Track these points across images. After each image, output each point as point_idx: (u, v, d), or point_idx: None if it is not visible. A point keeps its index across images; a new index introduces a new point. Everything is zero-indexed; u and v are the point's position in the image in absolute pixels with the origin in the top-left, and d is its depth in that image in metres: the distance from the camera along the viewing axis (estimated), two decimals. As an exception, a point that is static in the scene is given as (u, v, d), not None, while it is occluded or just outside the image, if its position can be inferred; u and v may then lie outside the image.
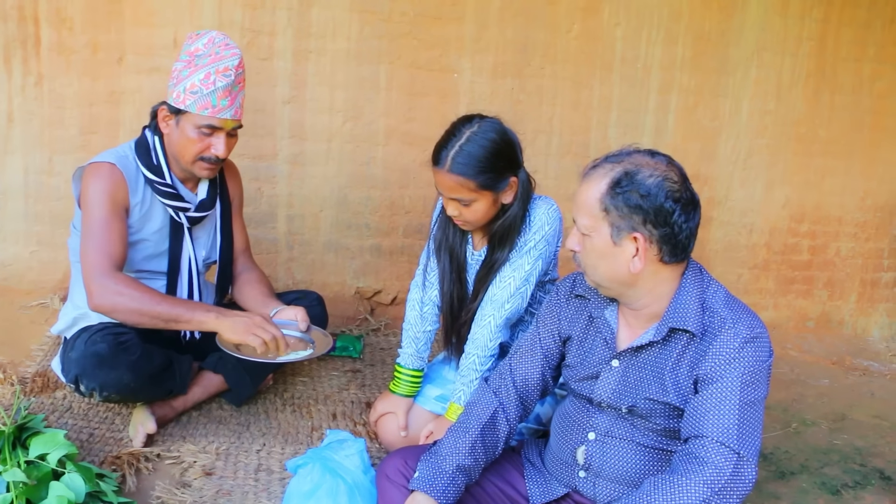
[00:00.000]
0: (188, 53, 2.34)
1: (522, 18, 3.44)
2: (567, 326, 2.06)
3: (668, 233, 1.73)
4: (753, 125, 3.80)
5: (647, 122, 3.68)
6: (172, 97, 2.34)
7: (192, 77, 2.30)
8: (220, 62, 2.32)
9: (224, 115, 2.37)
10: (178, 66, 2.35)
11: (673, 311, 1.80)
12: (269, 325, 2.28)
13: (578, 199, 1.82)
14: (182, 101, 2.32)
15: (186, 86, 2.30)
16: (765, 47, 3.71)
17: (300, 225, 3.52)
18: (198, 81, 2.30)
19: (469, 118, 2.24)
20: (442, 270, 2.47)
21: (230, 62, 2.34)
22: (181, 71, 2.33)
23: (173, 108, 2.35)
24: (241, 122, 2.44)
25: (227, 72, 2.34)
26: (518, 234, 2.32)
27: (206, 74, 2.30)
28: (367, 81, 3.42)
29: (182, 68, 2.33)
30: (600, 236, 1.78)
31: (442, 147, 2.21)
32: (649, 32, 3.58)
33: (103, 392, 2.32)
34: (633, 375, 1.87)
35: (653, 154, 1.79)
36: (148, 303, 2.24)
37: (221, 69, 2.32)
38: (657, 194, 1.70)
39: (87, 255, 2.31)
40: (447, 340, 2.56)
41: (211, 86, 2.31)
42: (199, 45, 2.34)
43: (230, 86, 2.35)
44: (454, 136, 2.20)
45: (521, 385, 2.11)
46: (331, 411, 2.83)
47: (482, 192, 2.20)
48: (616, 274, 1.80)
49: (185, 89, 2.31)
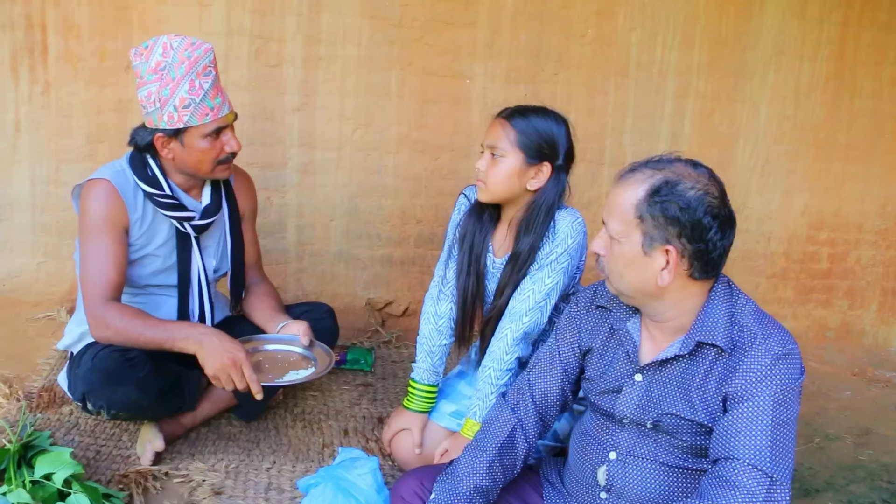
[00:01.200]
0: (152, 71, 2.23)
1: (536, 23, 3.38)
2: (587, 338, 2.00)
3: (702, 249, 1.66)
4: (771, 131, 3.73)
5: (663, 128, 3.61)
6: (165, 121, 2.25)
7: (176, 92, 2.22)
8: (198, 63, 2.24)
9: (224, 112, 2.32)
10: (149, 88, 2.24)
11: (700, 325, 1.73)
12: (246, 368, 2.18)
13: (612, 201, 1.75)
14: (179, 120, 2.24)
15: (175, 103, 2.22)
16: (783, 51, 3.64)
17: (310, 235, 3.46)
18: (185, 94, 2.22)
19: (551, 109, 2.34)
20: (460, 262, 2.42)
21: (206, 59, 2.26)
22: (160, 91, 2.23)
23: (171, 131, 2.27)
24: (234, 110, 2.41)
25: (208, 70, 2.27)
26: (543, 227, 2.27)
27: (190, 84, 2.22)
28: (377, 88, 3.36)
29: (158, 89, 2.22)
30: (631, 244, 1.71)
31: (515, 106, 2.32)
32: (665, 37, 3.51)
33: (111, 410, 2.27)
34: (658, 390, 1.81)
35: (695, 165, 1.73)
36: (133, 333, 2.21)
37: (201, 70, 2.25)
38: (696, 208, 1.64)
39: (83, 284, 2.28)
40: (460, 337, 2.50)
41: (200, 91, 2.24)
42: (157, 57, 2.23)
43: (215, 81, 2.29)
44: (531, 105, 2.32)
45: (541, 401, 2.05)
46: (342, 427, 2.77)
47: (516, 150, 2.22)
48: (642, 284, 1.74)
49: (175, 108, 2.23)
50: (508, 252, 2.36)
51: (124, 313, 2.23)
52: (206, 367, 2.17)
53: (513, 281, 2.32)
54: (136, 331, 2.20)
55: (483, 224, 2.39)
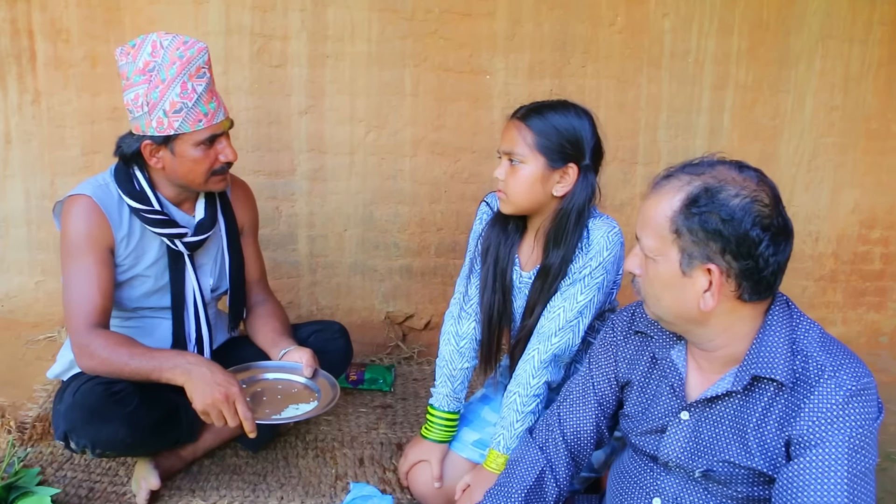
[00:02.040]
0: (139, 72, 2.02)
1: (560, 11, 3.13)
2: (626, 369, 1.77)
3: (751, 267, 1.43)
4: (818, 122, 3.44)
5: (701, 123, 3.34)
6: (153, 127, 2.04)
7: (166, 96, 2.01)
8: (191, 65, 2.02)
9: (218, 119, 2.11)
10: (136, 91, 2.03)
11: (756, 355, 1.50)
12: (240, 404, 1.95)
13: (645, 214, 1.53)
14: (169, 126, 2.03)
15: (165, 108, 2.01)
16: (830, 35, 3.34)
17: (323, 246, 3.24)
18: (177, 97, 2.01)
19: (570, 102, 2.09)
20: (484, 277, 2.19)
21: (199, 60, 2.05)
22: (148, 94, 2.02)
23: (160, 139, 2.07)
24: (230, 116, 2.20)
25: (201, 71, 2.05)
26: (574, 237, 2.04)
27: (182, 86, 2.01)
28: (390, 87, 3.13)
29: (146, 91, 2.02)
30: (667, 263, 1.49)
31: (529, 104, 2.08)
32: (701, 23, 3.23)
33: (96, 449, 2.07)
34: (708, 431, 1.58)
35: (741, 167, 1.49)
36: (118, 363, 2.01)
37: (194, 72, 2.03)
38: (742, 219, 1.40)
39: (65, 310, 2.09)
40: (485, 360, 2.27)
41: (193, 95, 2.03)
42: (146, 56, 2.02)
43: (209, 85, 2.08)
44: (547, 101, 2.08)
45: (572, 439, 1.83)
46: (357, 456, 2.55)
47: (535, 155, 1.99)
48: (682, 309, 1.51)
49: (165, 112, 2.02)
50: (537, 265, 2.13)
51: (109, 341, 2.03)
52: (194, 402, 1.96)
53: (543, 298, 2.09)
54: (121, 361, 2.00)
55: (508, 235, 2.16)
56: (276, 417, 2.05)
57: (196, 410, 1.97)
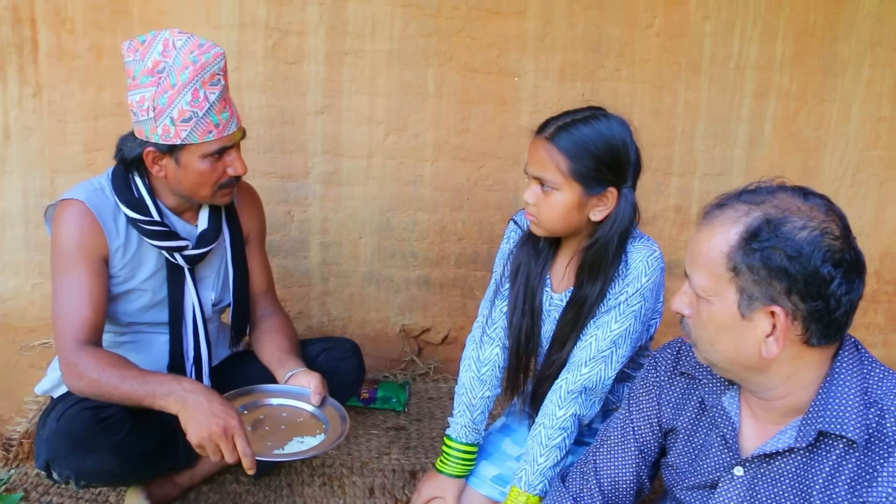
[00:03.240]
0: (147, 72, 1.84)
1: (595, 11, 2.93)
2: (670, 414, 1.59)
3: (821, 308, 1.26)
4: (864, 134, 3.24)
5: (741, 132, 3.14)
6: (158, 134, 1.87)
7: (176, 102, 1.83)
8: (205, 71, 1.84)
9: (230, 130, 1.93)
10: (143, 93, 1.86)
11: (823, 408, 1.32)
12: (239, 438, 1.77)
13: (696, 248, 1.35)
14: (176, 136, 1.86)
15: (173, 115, 1.84)
16: (880, 42, 3.14)
17: (336, 254, 3.06)
18: (186, 105, 1.83)
19: (597, 107, 1.87)
20: (514, 299, 2.00)
21: (215, 66, 1.87)
22: (155, 98, 1.84)
23: (165, 147, 1.89)
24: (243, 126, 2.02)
25: (215, 78, 1.87)
26: (613, 267, 1.85)
27: (193, 94, 1.83)
28: (412, 87, 2.94)
29: (154, 95, 1.84)
30: (723, 304, 1.32)
31: (554, 118, 1.85)
32: (743, 27, 3.03)
33: (80, 481, 1.91)
34: (765, 491, 1.41)
35: (805, 195, 1.31)
36: (108, 387, 1.83)
37: (208, 78, 1.85)
38: (811, 255, 1.24)
39: (54, 326, 1.91)
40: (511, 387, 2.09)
41: (204, 104, 1.85)
42: (156, 55, 1.83)
43: (223, 93, 1.89)
44: (573, 113, 1.84)
45: (609, 489, 1.66)
46: (367, 485, 2.38)
47: (570, 182, 1.78)
48: (740, 355, 1.34)
49: (173, 120, 1.84)
50: (569, 287, 1.95)
51: (99, 361, 1.86)
52: (188, 434, 1.77)
53: (577, 330, 1.90)
54: (111, 383, 1.83)
55: (540, 254, 1.98)
56: (277, 452, 1.88)
57: (191, 443, 1.79)
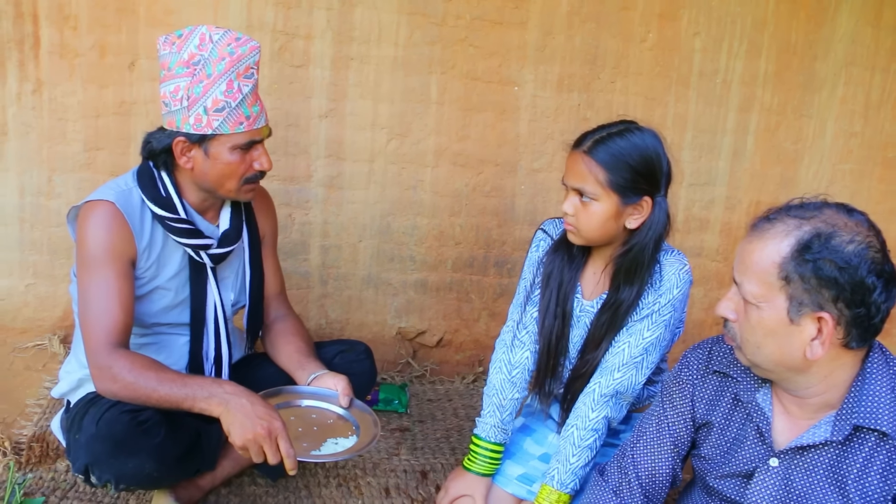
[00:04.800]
0: (183, 64, 1.87)
1: (593, 24, 3.02)
2: (704, 410, 1.69)
3: (863, 314, 1.38)
4: (838, 149, 3.40)
5: (725, 144, 3.27)
6: (190, 123, 1.89)
7: (210, 92, 1.86)
8: (240, 63, 1.88)
9: (260, 124, 1.97)
10: (178, 83, 1.88)
11: (857, 404, 1.44)
12: (282, 440, 1.79)
13: (747, 258, 1.46)
14: (207, 125, 1.88)
15: (207, 105, 1.87)
16: (853, 62, 3.31)
17: (336, 257, 3.08)
18: (220, 95, 1.87)
19: (630, 120, 1.97)
20: (546, 303, 2.07)
21: (250, 59, 1.91)
22: (190, 88, 1.87)
23: (196, 137, 1.91)
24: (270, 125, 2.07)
25: (250, 72, 1.91)
26: (648, 272, 1.94)
27: (228, 84, 1.87)
28: (415, 94, 2.99)
29: (189, 85, 1.87)
30: (773, 310, 1.42)
31: (590, 132, 1.94)
32: (731, 43, 3.17)
33: (120, 484, 1.91)
34: (801, 481, 1.51)
35: (849, 211, 1.44)
36: (145, 389, 1.83)
37: (243, 70, 1.89)
38: (858, 266, 1.36)
39: (83, 328, 1.90)
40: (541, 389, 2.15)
41: (238, 95, 1.88)
42: (192, 49, 1.87)
43: (255, 87, 1.94)
44: (608, 127, 1.93)
45: (647, 482, 1.75)
46: (382, 485, 2.41)
47: (608, 193, 1.86)
48: (786, 358, 1.45)
49: (206, 109, 1.87)
50: (600, 295, 2.04)
51: (135, 364, 1.85)
52: (233, 436, 1.78)
53: (611, 333, 1.99)
54: (148, 386, 1.83)
55: (573, 261, 2.06)
56: (315, 453, 1.90)
57: (234, 445, 1.80)
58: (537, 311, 2.09)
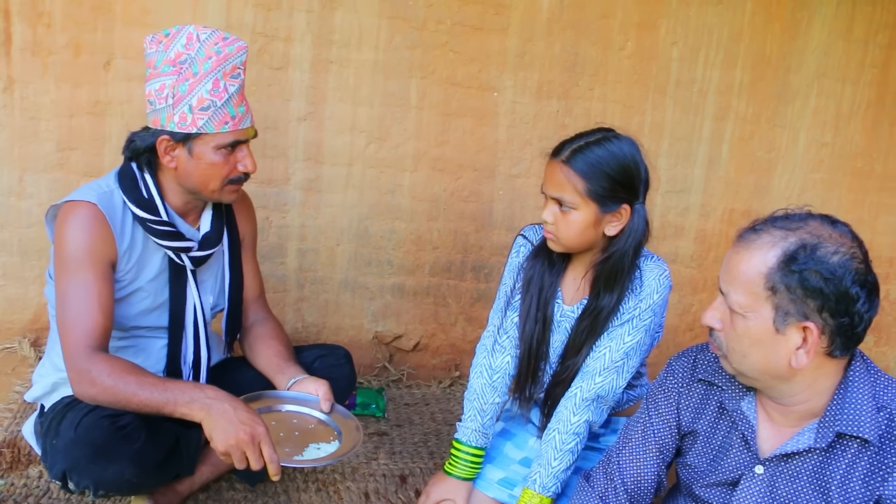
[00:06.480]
0: (169, 62, 1.86)
1: (572, 32, 3.04)
2: (689, 418, 1.71)
3: (847, 324, 1.41)
4: (809, 158, 3.46)
5: (700, 152, 3.31)
6: (175, 121, 1.87)
7: (196, 91, 1.84)
8: (227, 62, 1.87)
9: (245, 124, 1.96)
10: (163, 81, 1.87)
11: (839, 412, 1.47)
12: (266, 445, 1.76)
13: (733, 269, 1.47)
14: (192, 124, 1.86)
15: (192, 103, 1.85)
16: (825, 73, 3.37)
17: (313, 260, 3.06)
18: (206, 94, 1.85)
19: (607, 128, 1.98)
20: (526, 308, 2.08)
21: (237, 59, 1.89)
22: (176, 86, 1.85)
23: (180, 135, 1.89)
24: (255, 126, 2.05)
25: (236, 71, 1.90)
26: (628, 278, 1.96)
27: (213, 83, 1.85)
28: (395, 98, 2.98)
29: (174, 83, 1.85)
30: (759, 320, 1.44)
31: (568, 141, 1.94)
32: (707, 53, 3.21)
33: (99, 490, 1.86)
34: (785, 487, 1.54)
35: (833, 222, 1.47)
36: (125, 393, 1.79)
37: (229, 70, 1.88)
38: (843, 276, 1.38)
39: (61, 331, 1.86)
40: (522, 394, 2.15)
41: (223, 94, 1.87)
42: (179, 48, 1.85)
43: (241, 87, 1.92)
44: (586, 136, 1.94)
45: (633, 488, 1.77)
46: (361, 490, 2.40)
47: (587, 202, 1.88)
48: (771, 366, 1.47)
49: (191, 108, 1.85)
50: (580, 300, 2.05)
51: (115, 368, 1.81)
52: (215, 442, 1.75)
53: (591, 339, 2.00)
54: (128, 391, 1.79)
55: (553, 266, 2.07)
56: (298, 459, 1.88)
57: (217, 451, 1.77)
58: (518, 316, 2.10)
